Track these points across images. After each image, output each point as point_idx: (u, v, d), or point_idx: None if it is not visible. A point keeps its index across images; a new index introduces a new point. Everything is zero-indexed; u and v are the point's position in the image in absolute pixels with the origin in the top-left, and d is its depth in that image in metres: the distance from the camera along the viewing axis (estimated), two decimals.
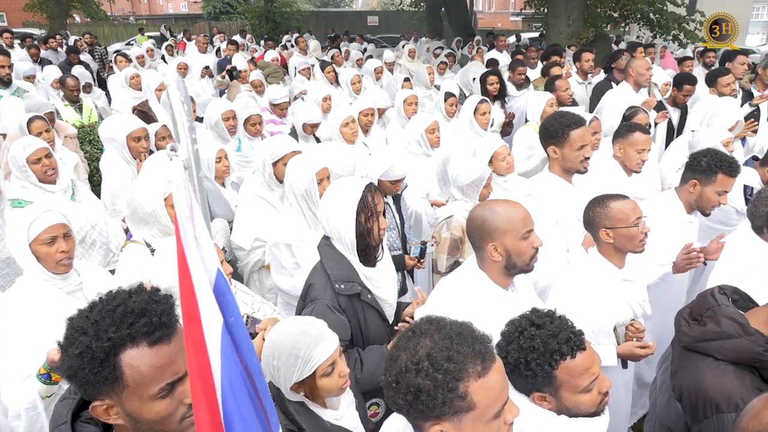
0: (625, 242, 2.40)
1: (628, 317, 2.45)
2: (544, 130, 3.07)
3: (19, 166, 3.28)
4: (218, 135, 4.57)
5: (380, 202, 2.29)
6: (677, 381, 1.87)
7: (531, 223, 2.09)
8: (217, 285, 1.12)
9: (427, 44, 13.93)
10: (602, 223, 2.41)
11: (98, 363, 1.16)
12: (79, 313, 1.24)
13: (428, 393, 1.21)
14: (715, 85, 5.43)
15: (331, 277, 2.24)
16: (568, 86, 5.30)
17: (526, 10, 20.17)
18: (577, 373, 1.59)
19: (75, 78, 6.10)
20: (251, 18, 24.26)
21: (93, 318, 1.19)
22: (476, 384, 1.22)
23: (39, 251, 2.23)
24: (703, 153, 3.00)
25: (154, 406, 1.21)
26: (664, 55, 10.32)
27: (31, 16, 21.65)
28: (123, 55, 8.88)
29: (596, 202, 2.48)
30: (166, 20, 30.59)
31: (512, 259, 2.07)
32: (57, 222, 2.27)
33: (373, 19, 29.94)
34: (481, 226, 2.09)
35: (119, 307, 1.20)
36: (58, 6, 17.84)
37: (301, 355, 1.74)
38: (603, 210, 2.42)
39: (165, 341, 1.21)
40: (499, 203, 2.17)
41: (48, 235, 2.23)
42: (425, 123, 4.18)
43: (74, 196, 3.40)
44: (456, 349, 1.24)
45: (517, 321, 1.67)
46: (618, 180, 3.47)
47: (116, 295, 1.24)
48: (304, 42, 11.24)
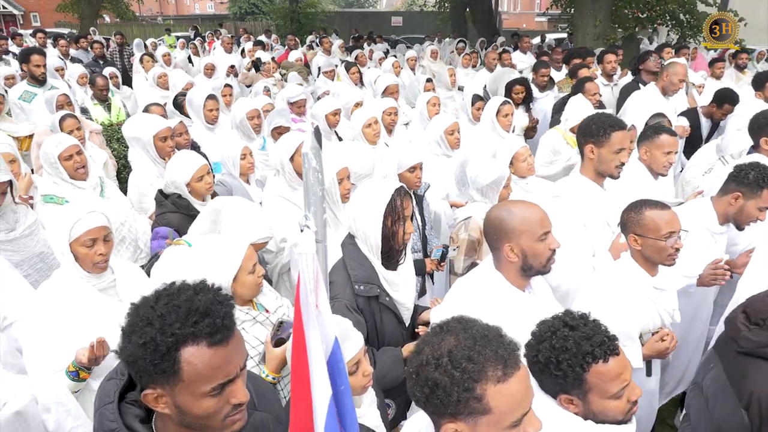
0: (653, 253, 2.35)
1: (656, 325, 2.41)
2: (585, 128, 2.99)
3: (51, 162, 3.34)
4: (243, 133, 4.62)
5: (408, 207, 2.30)
6: (746, 388, 1.82)
7: (548, 224, 2.07)
8: (333, 353, 1.15)
9: (451, 45, 13.88)
10: (632, 229, 2.38)
11: (160, 356, 1.19)
12: (143, 302, 1.27)
13: (444, 389, 1.21)
14: (762, 89, 5.23)
15: (351, 277, 2.25)
16: (597, 90, 5.20)
17: (551, 10, 19.96)
18: (609, 378, 1.57)
19: (104, 77, 6.23)
20: (276, 18, 24.49)
21: (159, 310, 1.22)
22: (494, 388, 1.21)
23: (78, 252, 2.27)
24: (751, 166, 2.88)
25: (204, 402, 1.24)
26: (695, 57, 10.11)
27: (62, 16, 22.18)
28: (149, 54, 9.03)
29: (634, 206, 2.43)
30: (193, 20, 31.06)
31: (528, 261, 2.06)
32: (99, 225, 2.30)
33: (397, 20, 29.94)
34: (498, 226, 2.08)
35: (185, 303, 1.22)
36: (89, 6, 18.25)
37: None
38: (636, 216, 2.38)
39: (224, 343, 1.23)
40: (517, 204, 2.16)
41: (89, 237, 2.26)
42: (445, 124, 4.17)
43: (102, 192, 3.47)
44: (478, 350, 1.23)
45: (550, 321, 1.66)
46: (645, 183, 3.41)
47: (182, 289, 1.27)
48: (328, 42, 11.30)
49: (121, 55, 10.85)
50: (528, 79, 6.01)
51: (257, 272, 2.25)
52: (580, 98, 4.81)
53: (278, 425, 1.60)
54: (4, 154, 3.41)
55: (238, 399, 1.27)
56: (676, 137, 3.48)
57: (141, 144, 3.95)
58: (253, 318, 2.26)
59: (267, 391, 1.69)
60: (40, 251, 3.01)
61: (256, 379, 1.72)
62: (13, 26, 30.28)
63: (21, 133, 4.91)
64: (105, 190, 3.50)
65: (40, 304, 2.26)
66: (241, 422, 1.32)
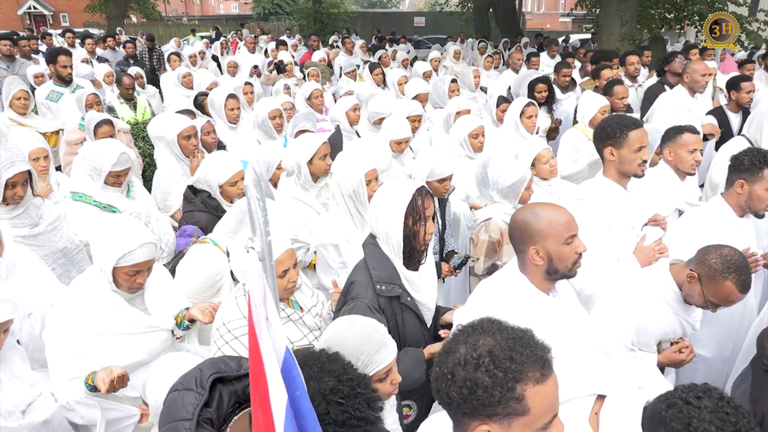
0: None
1: (676, 334, 2.37)
2: (600, 131, 2.96)
3: (97, 170, 3.30)
4: (265, 133, 4.65)
5: (430, 207, 2.28)
6: (760, 407, 1.78)
7: (575, 227, 2.04)
8: (285, 362, 1.19)
9: (475, 45, 13.81)
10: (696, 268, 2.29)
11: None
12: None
13: (485, 389, 1.20)
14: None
15: (373, 277, 2.25)
16: (626, 94, 5.12)
17: (576, 10, 19.73)
18: None
19: (130, 77, 6.33)
20: (299, 18, 24.66)
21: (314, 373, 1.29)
22: (533, 389, 1.21)
23: (119, 277, 2.25)
24: (743, 152, 2.92)
25: None
26: (724, 58, 9.89)
27: (91, 16, 22.62)
28: (176, 54, 9.17)
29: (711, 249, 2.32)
30: (218, 21, 31.42)
31: (554, 264, 2.03)
32: (147, 259, 2.27)
33: (419, 20, 29.92)
34: (524, 228, 2.06)
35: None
36: (117, 7, 18.59)
37: (362, 357, 1.77)
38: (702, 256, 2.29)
39: None
40: (543, 206, 2.13)
41: (134, 269, 2.25)
42: (470, 127, 4.14)
43: (129, 192, 3.50)
44: (519, 350, 1.22)
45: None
46: (672, 185, 3.36)
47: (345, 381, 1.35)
48: (351, 43, 11.32)
49: (150, 55, 11.04)
50: (551, 79, 5.95)
51: (288, 277, 2.26)
52: (590, 93, 4.76)
53: None
54: (38, 150, 3.47)
55: None
56: (699, 135, 3.42)
57: (165, 143, 4.00)
58: (287, 316, 2.28)
59: None
60: (64, 246, 3.05)
61: None
62: (43, 26, 30.98)
63: (47, 129, 5.01)
64: (132, 190, 3.54)
65: (67, 305, 2.28)
66: None
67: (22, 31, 19.09)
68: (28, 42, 9.53)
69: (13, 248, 2.61)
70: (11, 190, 2.82)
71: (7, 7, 32.06)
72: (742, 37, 13.01)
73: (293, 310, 2.34)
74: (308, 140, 3.45)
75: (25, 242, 2.87)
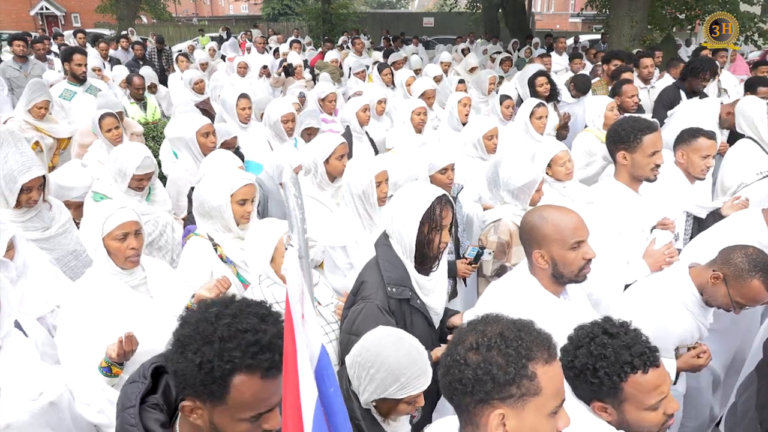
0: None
1: (695, 338, 2.36)
2: (614, 134, 2.93)
3: (122, 172, 3.30)
4: (276, 134, 4.67)
5: (447, 217, 2.27)
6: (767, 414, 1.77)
7: (583, 233, 2.03)
8: (321, 360, 1.20)
9: (483, 46, 13.78)
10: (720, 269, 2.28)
11: (212, 379, 1.20)
12: (203, 317, 1.26)
13: (499, 367, 1.22)
14: None
15: (384, 278, 2.25)
16: (635, 92, 5.08)
17: (586, 11, 19.64)
18: (646, 390, 1.54)
19: (141, 77, 6.37)
20: (309, 19, 24.69)
21: (220, 332, 1.22)
22: (543, 368, 1.24)
23: (110, 246, 2.32)
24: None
25: (239, 426, 1.26)
26: (734, 59, 9.80)
27: (102, 17, 22.80)
28: (184, 55, 9.18)
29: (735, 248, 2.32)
30: (227, 21, 31.55)
31: (559, 268, 2.03)
32: (130, 219, 2.35)
33: (428, 21, 29.87)
34: (530, 231, 2.07)
35: (249, 333, 1.22)
36: (127, 8, 18.74)
37: (402, 380, 1.77)
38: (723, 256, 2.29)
39: (274, 377, 1.25)
40: (552, 210, 2.11)
41: (120, 231, 2.31)
42: (484, 128, 4.13)
43: (149, 196, 3.51)
44: (526, 332, 1.27)
45: (589, 327, 1.64)
46: (681, 188, 3.33)
47: (244, 311, 1.26)
48: (360, 43, 11.34)
49: (159, 56, 11.12)
50: (547, 71, 5.90)
51: None
52: (592, 96, 4.75)
53: None
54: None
55: (271, 426, 1.29)
56: (714, 140, 3.37)
57: (184, 142, 4.04)
58: None
59: None
60: (74, 249, 3.07)
61: None
62: (54, 26, 31.25)
63: (62, 134, 5.05)
64: (153, 192, 3.56)
65: (73, 300, 2.31)
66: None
67: (35, 32, 19.27)
68: (42, 44, 9.60)
69: (25, 250, 2.63)
70: (26, 194, 2.85)
71: (19, 8, 32.36)
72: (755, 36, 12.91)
73: None
74: (326, 140, 3.49)
75: (36, 245, 2.89)
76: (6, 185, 2.82)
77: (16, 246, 2.56)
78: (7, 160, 2.83)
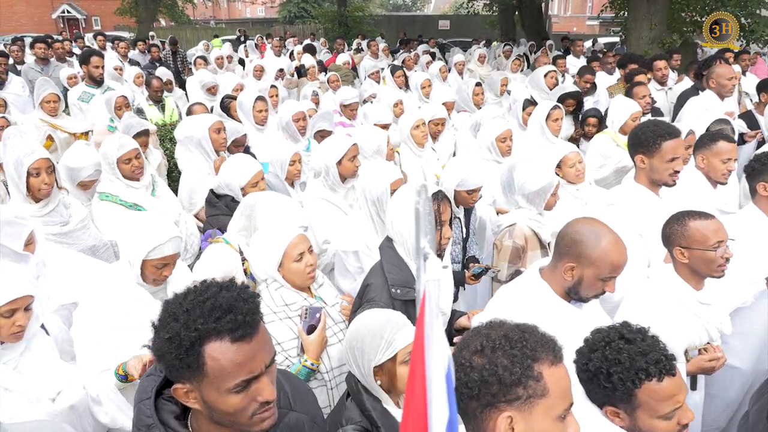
0: (701, 265, 2.24)
1: (703, 341, 2.30)
2: (634, 138, 2.92)
3: (109, 162, 3.42)
4: (289, 135, 4.69)
5: (446, 211, 2.27)
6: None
7: (620, 271, 1.99)
8: (448, 378, 1.11)
9: (499, 48, 13.72)
10: (678, 242, 2.28)
11: (184, 350, 1.22)
12: (174, 299, 1.31)
13: (505, 368, 1.21)
14: None
15: (388, 280, 2.26)
16: (647, 94, 5.01)
17: (604, 13, 19.45)
18: (661, 398, 1.52)
19: (159, 79, 6.44)
20: (324, 22, 24.80)
21: (185, 306, 1.26)
22: (549, 370, 1.23)
23: (147, 270, 2.32)
24: (765, 155, 2.84)
25: (229, 399, 1.26)
26: (755, 62, 9.64)
27: (121, 20, 23.12)
28: (202, 58, 9.29)
29: (676, 217, 2.34)
30: (244, 24, 31.81)
31: (579, 288, 2.00)
32: (175, 252, 2.35)
33: (444, 23, 29.82)
34: (575, 244, 1.99)
35: (209, 300, 1.26)
36: (146, 11, 18.98)
37: (385, 336, 1.82)
38: (681, 228, 2.28)
39: (247, 339, 1.25)
40: (608, 234, 1.99)
41: (162, 262, 2.33)
42: (497, 131, 4.10)
43: (154, 191, 3.56)
44: (530, 334, 1.27)
45: (606, 331, 1.62)
46: (703, 192, 3.27)
47: (209, 286, 1.31)
48: (375, 46, 11.35)
49: (174, 58, 11.25)
50: (581, 93, 5.83)
51: (305, 261, 2.28)
52: (622, 98, 4.67)
53: (314, 426, 1.61)
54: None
55: (265, 397, 1.29)
56: (735, 144, 3.33)
57: (195, 141, 4.04)
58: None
59: (304, 392, 1.71)
60: (92, 244, 3.13)
61: (291, 377, 1.74)
62: (75, 29, 31.75)
63: (76, 130, 5.12)
64: (156, 190, 3.59)
65: (94, 300, 2.33)
66: (271, 420, 1.33)
67: (56, 35, 19.58)
68: (62, 44, 9.76)
69: (43, 247, 2.66)
70: (36, 178, 2.90)
71: (41, 11, 32.94)
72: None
73: (316, 301, 2.35)
74: (338, 141, 3.49)
75: (56, 240, 2.95)
76: (15, 171, 2.92)
77: (36, 240, 2.60)
78: (14, 150, 2.94)
